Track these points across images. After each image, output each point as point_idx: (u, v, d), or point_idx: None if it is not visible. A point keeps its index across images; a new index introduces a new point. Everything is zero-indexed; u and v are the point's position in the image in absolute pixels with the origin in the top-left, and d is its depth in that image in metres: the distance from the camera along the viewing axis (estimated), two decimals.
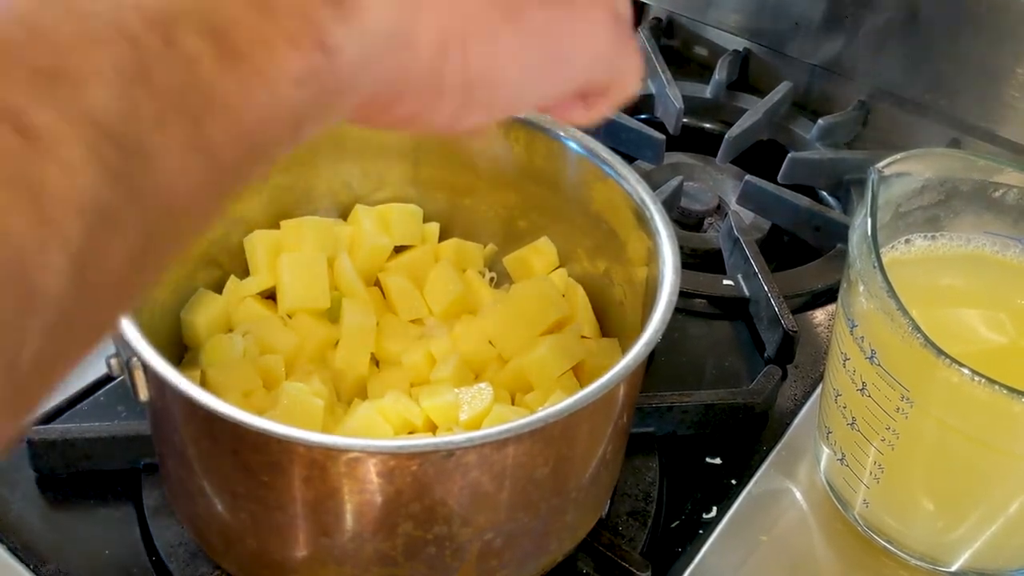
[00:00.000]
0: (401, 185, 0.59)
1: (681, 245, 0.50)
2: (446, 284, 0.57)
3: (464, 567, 0.44)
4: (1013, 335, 0.50)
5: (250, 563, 0.46)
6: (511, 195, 0.58)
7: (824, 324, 0.68)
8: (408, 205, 0.59)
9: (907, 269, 0.53)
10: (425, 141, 0.58)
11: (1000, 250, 0.54)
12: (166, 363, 0.39)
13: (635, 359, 0.42)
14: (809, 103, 0.88)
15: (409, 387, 0.53)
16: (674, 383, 0.62)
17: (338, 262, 0.56)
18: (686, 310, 0.68)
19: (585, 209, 0.55)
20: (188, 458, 0.44)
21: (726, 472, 0.58)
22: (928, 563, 0.52)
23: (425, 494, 0.40)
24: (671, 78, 0.84)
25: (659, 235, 0.48)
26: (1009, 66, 0.74)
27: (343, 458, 0.39)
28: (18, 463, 0.54)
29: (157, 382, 0.40)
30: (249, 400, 0.50)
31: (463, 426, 0.49)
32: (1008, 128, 0.76)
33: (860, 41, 0.81)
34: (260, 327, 0.53)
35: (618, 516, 0.54)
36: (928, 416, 0.46)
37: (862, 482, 0.52)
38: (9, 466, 0.54)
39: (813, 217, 0.73)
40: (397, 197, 0.60)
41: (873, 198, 0.48)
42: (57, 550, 0.50)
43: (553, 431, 0.41)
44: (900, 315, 0.44)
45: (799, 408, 0.61)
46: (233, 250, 0.56)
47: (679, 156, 0.81)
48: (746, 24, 0.87)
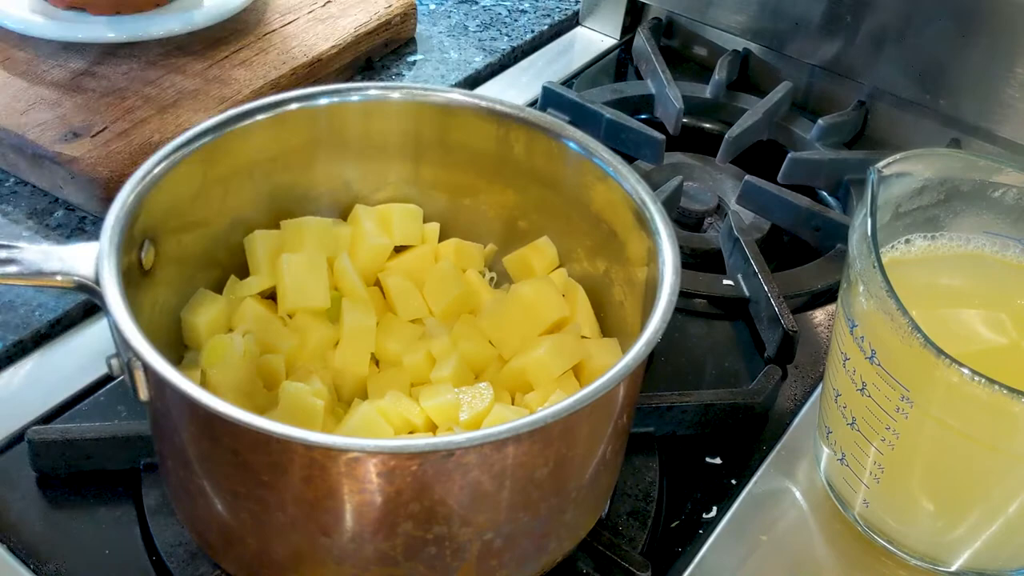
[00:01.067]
0: (401, 185, 0.59)
1: (681, 245, 0.50)
2: (446, 284, 0.57)
3: (464, 567, 0.44)
4: (1013, 335, 0.50)
5: (250, 563, 0.46)
6: (511, 195, 0.58)
7: (824, 324, 0.68)
8: (408, 205, 0.59)
9: (907, 269, 0.53)
10: (425, 141, 0.58)
11: (1000, 250, 0.54)
12: (166, 363, 0.39)
13: (635, 359, 0.42)
14: (809, 103, 0.88)
15: (409, 387, 0.53)
16: (674, 383, 0.62)
17: (338, 262, 0.56)
18: (686, 310, 0.68)
19: (585, 209, 0.55)
20: (188, 458, 0.44)
21: (726, 472, 0.58)
22: (928, 563, 0.52)
23: (425, 494, 0.40)
24: (671, 78, 0.84)
25: (659, 235, 0.48)
26: (1009, 66, 0.74)
27: (343, 458, 0.39)
28: (18, 463, 0.54)
29: (157, 382, 0.40)
30: (249, 400, 0.50)
31: (463, 426, 0.49)
32: (1008, 128, 0.76)
33: (860, 41, 0.81)
34: (260, 327, 0.53)
35: (618, 516, 0.54)
36: (928, 416, 0.46)
37: (862, 482, 0.52)
38: (9, 466, 0.54)
39: (813, 217, 0.73)
40: (397, 197, 0.60)
41: (873, 198, 0.48)
42: (57, 550, 0.50)
43: (553, 431, 0.41)
44: (900, 315, 0.44)
45: (799, 408, 0.61)
46: (233, 250, 0.56)
47: (679, 156, 0.81)
48: (746, 24, 0.87)
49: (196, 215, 0.52)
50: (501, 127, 0.56)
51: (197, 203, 0.52)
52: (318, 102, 0.55)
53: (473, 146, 0.57)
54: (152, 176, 0.48)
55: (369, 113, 0.56)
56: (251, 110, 0.53)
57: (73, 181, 0.67)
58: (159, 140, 0.69)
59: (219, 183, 0.53)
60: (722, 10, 0.88)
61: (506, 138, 0.56)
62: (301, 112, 0.54)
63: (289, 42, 0.80)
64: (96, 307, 0.59)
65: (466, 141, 0.57)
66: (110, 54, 0.76)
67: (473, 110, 0.56)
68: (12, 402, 0.57)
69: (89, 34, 0.75)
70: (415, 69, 0.87)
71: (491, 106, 0.56)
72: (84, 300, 0.62)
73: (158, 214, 0.49)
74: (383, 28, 0.86)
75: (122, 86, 0.73)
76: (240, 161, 0.53)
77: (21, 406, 0.57)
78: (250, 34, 0.81)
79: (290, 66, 0.78)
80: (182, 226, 0.51)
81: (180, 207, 0.51)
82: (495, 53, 0.90)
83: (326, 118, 0.55)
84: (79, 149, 0.67)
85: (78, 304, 0.62)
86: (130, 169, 0.48)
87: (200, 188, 0.52)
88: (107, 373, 0.44)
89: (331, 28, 0.83)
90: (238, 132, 0.52)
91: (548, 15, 0.96)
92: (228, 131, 0.52)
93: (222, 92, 0.74)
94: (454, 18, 0.95)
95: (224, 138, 0.52)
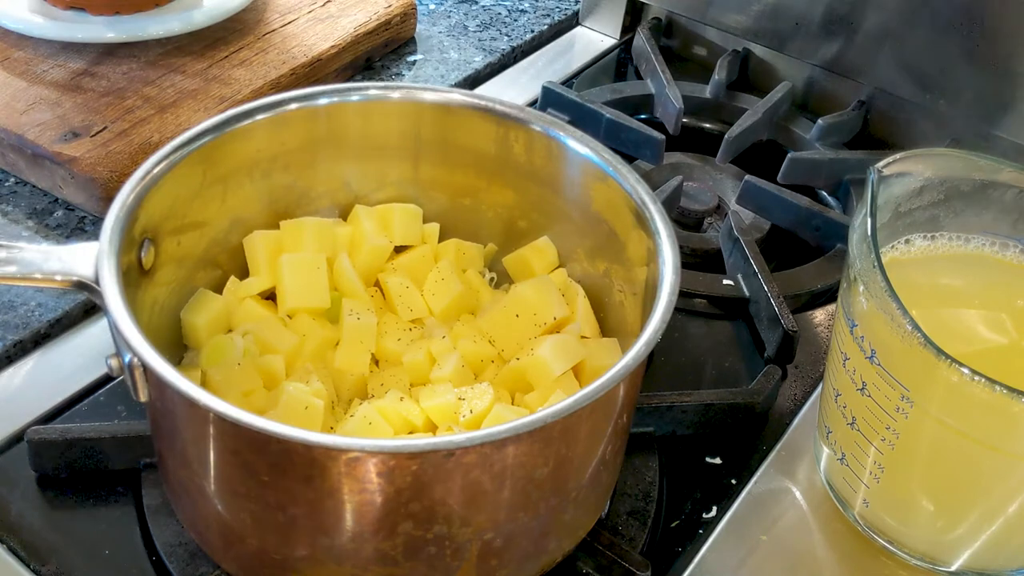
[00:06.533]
0: (401, 185, 0.59)
1: (681, 245, 0.50)
2: (446, 284, 0.57)
3: (464, 567, 0.44)
4: (1013, 335, 0.50)
5: (250, 563, 0.46)
6: (511, 195, 0.58)
7: (824, 324, 0.68)
8: (408, 205, 0.59)
9: (907, 269, 0.53)
10: (425, 141, 0.58)
11: (1000, 250, 0.54)
12: (166, 363, 0.39)
13: (635, 359, 0.42)
14: (809, 103, 0.88)
15: (409, 387, 0.53)
16: (674, 383, 0.62)
17: (338, 262, 0.56)
18: (686, 310, 0.68)
19: (585, 209, 0.55)
20: (188, 458, 0.44)
21: (726, 472, 0.58)
22: (928, 563, 0.52)
23: (425, 494, 0.40)
24: (671, 78, 0.84)
25: (659, 235, 0.48)
26: (1009, 66, 0.74)
27: (343, 458, 0.39)
28: (18, 463, 0.54)
29: (157, 382, 0.40)
30: (249, 400, 0.50)
31: (463, 426, 0.49)
32: (1008, 128, 0.76)
33: (860, 41, 0.81)
34: (260, 327, 0.53)
35: (618, 516, 0.54)
36: (928, 416, 0.46)
37: (862, 482, 0.52)
38: (9, 466, 0.54)
39: (813, 217, 0.73)
40: (397, 197, 0.60)
41: (873, 198, 0.48)
42: (57, 550, 0.50)
43: (553, 431, 0.41)
44: (900, 315, 0.44)
45: (799, 408, 0.61)
46: (233, 250, 0.56)
47: (679, 156, 0.81)
48: (746, 24, 0.87)
49: (196, 215, 0.52)
50: (501, 127, 0.56)
51: (197, 203, 0.52)
52: (318, 102, 0.55)
53: (473, 146, 0.57)
54: (152, 176, 0.48)
55: (369, 113, 0.56)
56: (251, 110, 0.53)
57: (73, 181, 0.67)
58: (159, 140, 0.69)
59: (219, 183, 0.53)
60: (722, 10, 0.88)
61: (506, 138, 0.56)
62: (301, 112, 0.54)
63: (289, 42, 0.80)
64: (96, 307, 0.59)
65: (466, 141, 0.57)
66: (110, 54, 0.76)
67: (473, 110, 0.56)
68: (12, 402, 0.57)
69: (88, 34, 0.75)
70: (415, 69, 0.87)
71: (491, 106, 0.56)
72: (84, 300, 0.62)
73: (158, 214, 0.49)
74: (383, 28, 0.86)
75: (122, 86, 0.73)
76: (240, 161, 0.53)
77: (21, 406, 0.57)
78: (250, 34, 0.81)
79: (290, 66, 0.78)
80: (182, 226, 0.51)
81: (180, 207, 0.51)
82: (495, 53, 0.90)
83: (326, 118, 0.55)
84: (79, 149, 0.67)
85: (78, 304, 0.62)
86: (130, 169, 0.48)
87: (200, 188, 0.52)
88: (107, 373, 0.44)
89: (331, 28, 0.83)
90: (238, 132, 0.52)
91: (548, 15, 0.96)
92: (228, 131, 0.52)
93: (222, 92, 0.74)
94: (454, 18, 0.95)
95: (224, 138, 0.52)
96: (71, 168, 0.66)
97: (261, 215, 0.56)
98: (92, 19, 0.76)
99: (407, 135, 0.57)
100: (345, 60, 0.83)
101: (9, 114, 0.69)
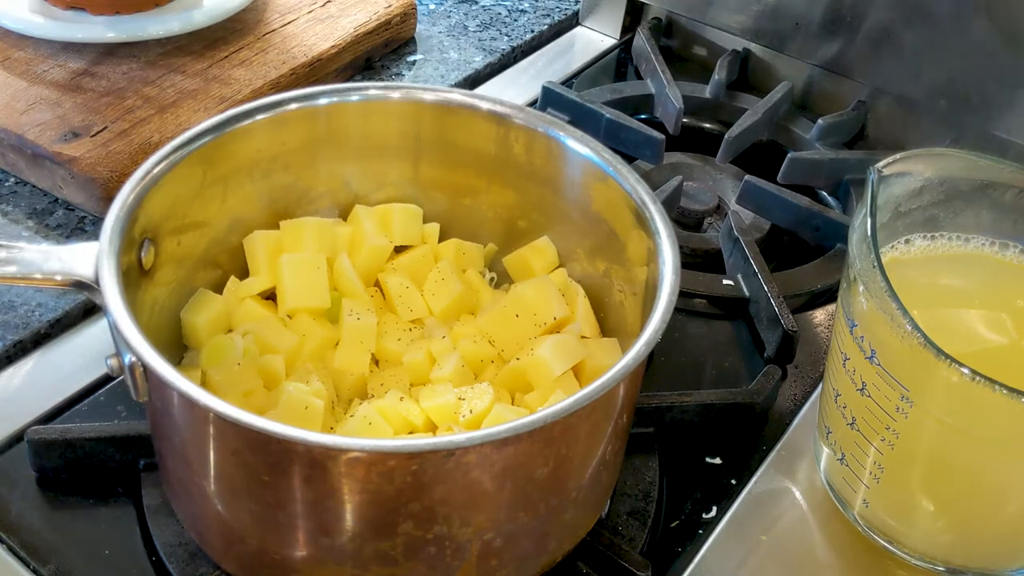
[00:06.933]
0: (401, 185, 0.59)
1: (681, 245, 0.50)
2: (446, 284, 0.57)
3: (464, 567, 0.44)
4: (1013, 335, 0.50)
5: (250, 563, 0.46)
6: (511, 195, 0.58)
7: (824, 324, 0.68)
8: (408, 205, 0.59)
9: (907, 269, 0.53)
10: (425, 141, 0.58)
11: (1000, 250, 0.54)
12: (166, 363, 0.39)
13: (635, 359, 0.42)
14: (809, 103, 0.88)
15: (409, 387, 0.53)
16: (674, 383, 0.62)
17: (338, 262, 0.56)
18: (686, 310, 0.68)
19: (585, 209, 0.55)
20: (188, 458, 0.44)
21: (726, 472, 0.58)
22: (928, 563, 0.52)
23: (425, 494, 0.40)
24: (671, 78, 0.84)
25: (659, 235, 0.48)
26: (1009, 66, 0.74)
27: (343, 458, 0.39)
28: (18, 463, 0.54)
29: (157, 382, 0.40)
30: (249, 400, 0.50)
31: (463, 426, 0.49)
32: (1008, 128, 0.76)
33: (860, 41, 0.81)
34: (260, 327, 0.53)
35: (618, 516, 0.54)
36: (928, 416, 0.46)
37: (862, 482, 0.52)
38: (9, 466, 0.54)
39: (813, 217, 0.73)
40: (397, 197, 0.60)
41: (873, 198, 0.48)
42: (57, 550, 0.50)
43: (553, 431, 0.41)
44: (900, 315, 0.44)
45: (799, 408, 0.61)
46: (233, 250, 0.56)
47: (679, 156, 0.81)
48: (746, 24, 0.87)
49: (196, 215, 0.52)
50: (501, 127, 0.56)
51: (197, 203, 0.52)
52: (318, 102, 0.55)
53: (473, 146, 0.57)
54: (152, 176, 0.48)
55: (369, 113, 0.56)
56: (251, 110, 0.53)
57: (73, 181, 0.67)
58: (159, 140, 0.69)
59: (219, 183, 0.53)
60: (722, 10, 0.88)
61: (506, 138, 0.56)
62: (301, 112, 0.54)
63: (289, 42, 0.80)
64: (96, 307, 0.59)
65: (466, 141, 0.57)
66: (110, 54, 0.76)
67: (473, 110, 0.56)
68: (12, 402, 0.57)
69: (89, 34, 0.75)
70: (415, 69, 0.87)
71: (491, 106, 0.56)
72: (84, 300, 0.62)
73: (158, 214, 0.49)
74: (383, 28, 0.86)
75: (122, 86, 0.73)
76: (240, 161, 0.53)
77: (21, 406, 0.57)
78: (250, 34, 0.81)
79: (290, 66, 0.78)
80: (182, 226, 0.51)
81: (180, 207, 0.51)
82: (495, 53, 0.90)
83: (326, 118, 0.55)
84: (79, 149, 0.67)
85: (78, 304, 0.62)
86: (130, 169, 0.48)
87: (200, 188, 0.52)
88: (107, 373, 0.44)
89: (331, 28, 0.83)
90: (238, 132, 0.52)
91: (548, 15, 0.96)
92: (228, 131, 0.52)
93: (222, 92, 0.74)
94: (454, 18, 0.95)
95: (224, 138, 0.52)
96: (71, 168, 0.66)
97: (261, 215, 0.56)
98: (92, 19, 0.76)
99: (407, 135, 0.57)
100: (345, 60, 0.83)
101: (9, 114, 0.69)
